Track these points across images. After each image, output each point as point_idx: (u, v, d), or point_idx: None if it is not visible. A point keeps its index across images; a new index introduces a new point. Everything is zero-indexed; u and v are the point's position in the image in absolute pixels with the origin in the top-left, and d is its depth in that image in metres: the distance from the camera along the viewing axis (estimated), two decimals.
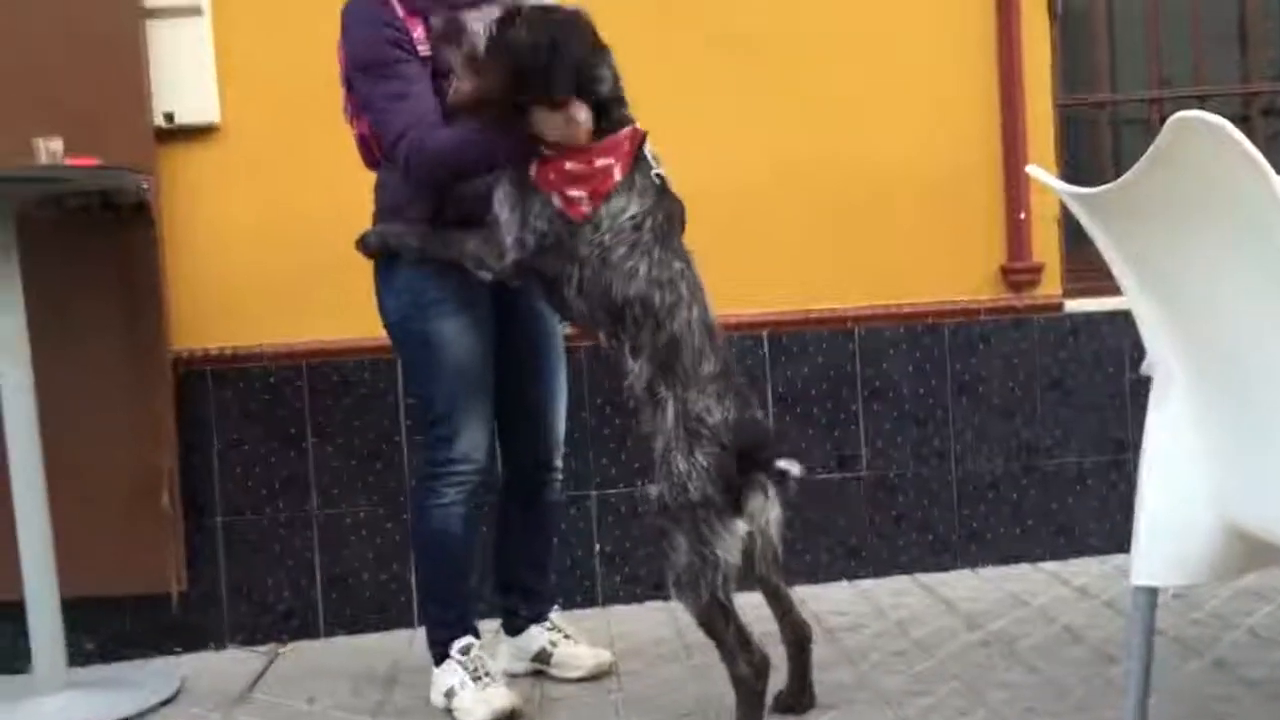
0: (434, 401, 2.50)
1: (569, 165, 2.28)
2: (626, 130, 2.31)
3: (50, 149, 2.79)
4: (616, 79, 2.33)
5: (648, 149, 2.35)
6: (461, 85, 2.29)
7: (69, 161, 2.78)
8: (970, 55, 3.38)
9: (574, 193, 2.27)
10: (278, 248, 3.22)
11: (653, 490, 2.29)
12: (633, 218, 2.28)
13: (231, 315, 3.23)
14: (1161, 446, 1.70)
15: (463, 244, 2.37)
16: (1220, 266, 1.57)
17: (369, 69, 2.39)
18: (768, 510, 2.25)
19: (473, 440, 2.50)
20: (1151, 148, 1.51)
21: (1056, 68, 3.45)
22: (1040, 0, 3.39)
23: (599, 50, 2.30)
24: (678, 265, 2.33)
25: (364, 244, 2.51)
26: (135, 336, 3.10)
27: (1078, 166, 3.57)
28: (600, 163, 2.28)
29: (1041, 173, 1.84)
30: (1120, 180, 1.60)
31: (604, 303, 2.29)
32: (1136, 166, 1.54)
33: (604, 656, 2.79)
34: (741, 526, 2.23)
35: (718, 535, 2.20)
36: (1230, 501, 1.71)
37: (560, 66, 2.21)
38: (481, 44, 2.23)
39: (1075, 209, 1.75)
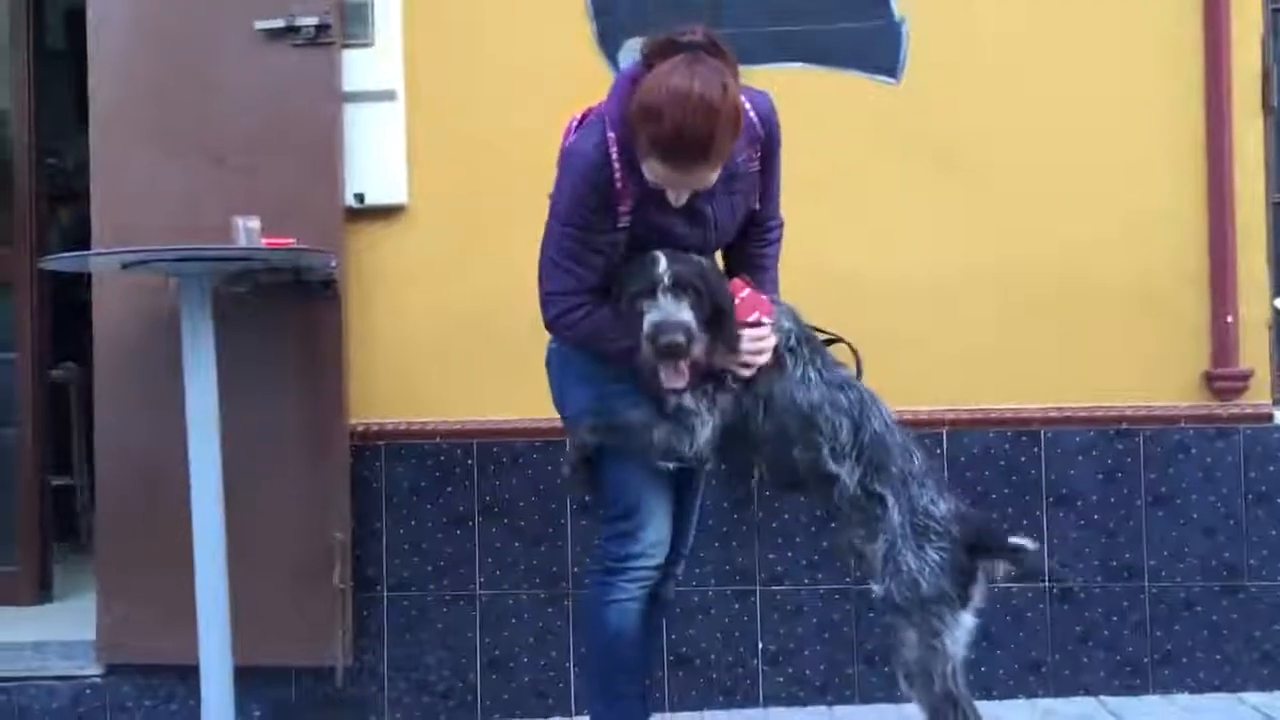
0: (621, 495, 2.42)
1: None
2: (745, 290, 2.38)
3: (248, 227, 2.89)
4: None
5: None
6: (680, 375, 2.25)
7: (265, 241, 2.88)
8: (1178, 152, 3.22)
9: (749, 319, 2.31)
10: (457, 326, 3.26)
11: (878, 589, 2.32)
12: (788, 333, 2.36)
13: (408, 391, 3.27)
14: None
15: (647, 435, 2.33)
16: None
17: (559, 218, 2.31)
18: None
19: (657, 534, 2.43)
20: None
21: (1270, 166, 3.25)
22: (1253, 97, 3.21)
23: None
24: (844, 372, 2.40)
25: (569, 465, 2.45)
26: (316, 409, 3.16)
27: None
28: (743, 295, 2.35)
29: None
30: None
31: (793, 415, 2.31)
32: None
33: None
34: (969, 619, 2.29)
35: (948, 628, 2.26)
36: None
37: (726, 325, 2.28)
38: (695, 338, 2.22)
39: None
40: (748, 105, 2.24)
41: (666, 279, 2.22)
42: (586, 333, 2.34)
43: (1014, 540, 2.32)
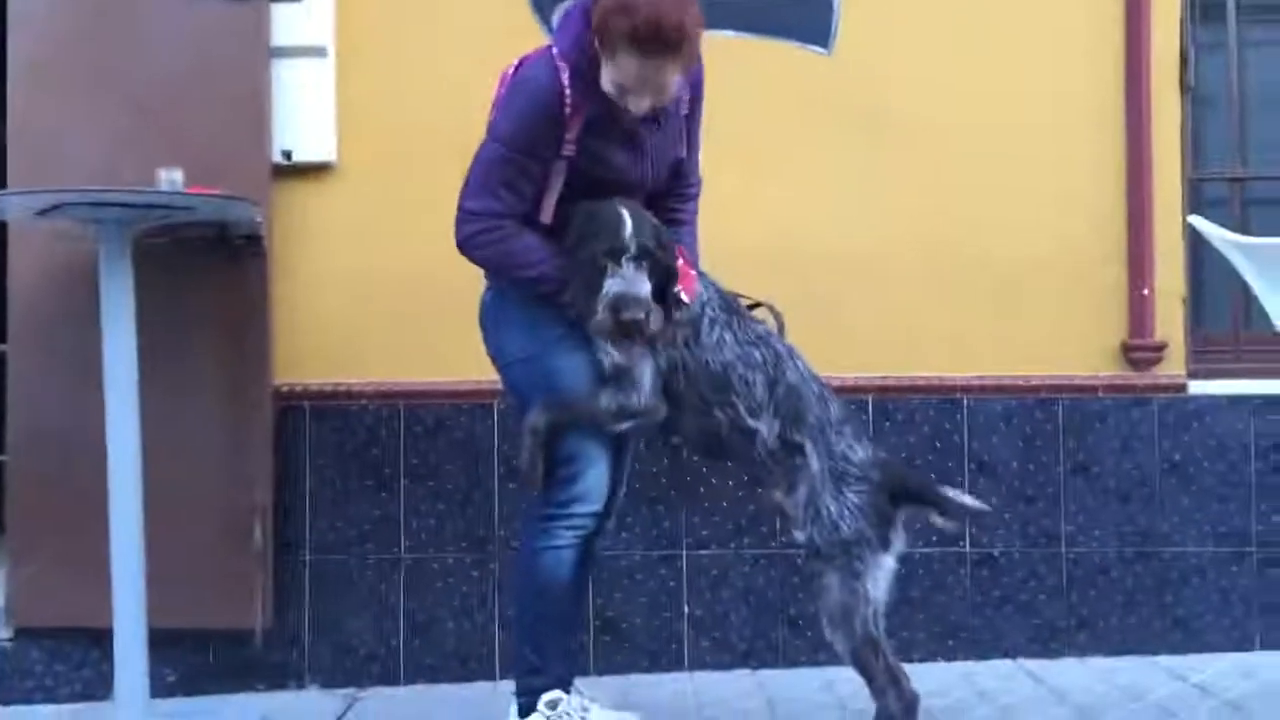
0: (561, 443, 2.41)
1: None
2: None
3: (171, 179, 2.83)
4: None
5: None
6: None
7: (190, 190, 2.82)
8: (1098, 126, 3.29)
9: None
10: (384, 287, 3.22)
11: (799, 535, 2.37)
12: (705, 302, 2.40)
13: (334, 352, 3.23)
14: None
15: (593, 403, 2.36)
16: None
17: (501, 139, 2.31)
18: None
19: (594, 482, 2.43)
20: None
21: (1186, 143, 3.34)
22: (1171, 75, 3.30)
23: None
24: (759, 329, 2.43)
25: (527, 453, 2.39)
26: (239, 369, 3.11)
27: (1204, 243, 3.43)
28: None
29: (1206, 224, 1.74)
30: None
31: (707, 378, 2.35)
32: None
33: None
34: (890, 563, 2.33)
35: (869, 571, 2.30)
36: None
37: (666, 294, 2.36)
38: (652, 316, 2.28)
39: (1243, 262, 1.64)
40: None
41: (632, 247, 2.25)
42: (496, 255, 2.35)
43: (958, 497, 2.38)
